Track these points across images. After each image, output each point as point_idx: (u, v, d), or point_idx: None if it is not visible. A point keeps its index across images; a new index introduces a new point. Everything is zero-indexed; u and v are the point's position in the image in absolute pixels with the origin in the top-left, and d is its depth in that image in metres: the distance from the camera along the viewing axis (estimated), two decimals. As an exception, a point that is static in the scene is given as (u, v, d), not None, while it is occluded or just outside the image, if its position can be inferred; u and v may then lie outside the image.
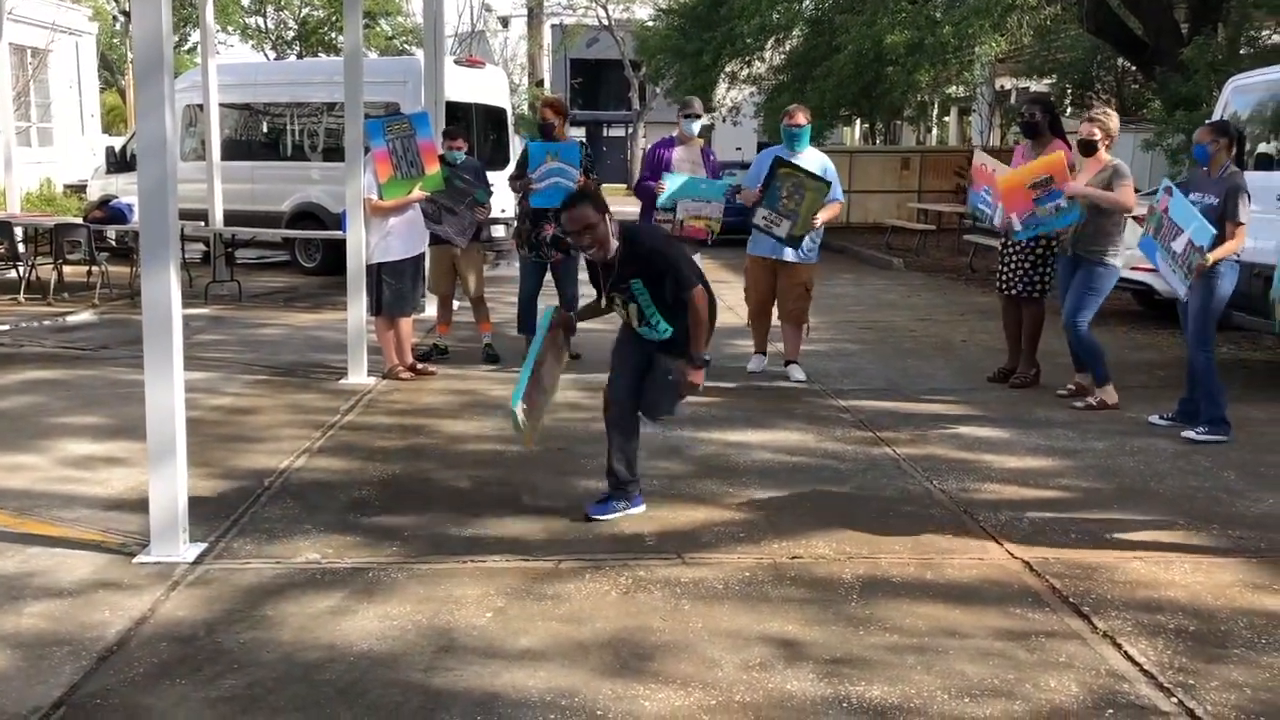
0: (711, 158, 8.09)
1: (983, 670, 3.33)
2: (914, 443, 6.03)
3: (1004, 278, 7.60)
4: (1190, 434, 6.01)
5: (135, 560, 4.17)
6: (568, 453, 5.79)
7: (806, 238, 7.55)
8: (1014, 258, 7.47)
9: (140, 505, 4.52)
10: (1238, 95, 8.46)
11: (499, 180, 9.83)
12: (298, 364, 8.19)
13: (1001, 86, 24.76)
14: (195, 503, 4.66)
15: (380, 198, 7.47)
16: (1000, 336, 8.03)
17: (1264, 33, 15.00)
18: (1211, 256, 5.83)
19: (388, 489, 5.16)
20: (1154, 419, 6.45)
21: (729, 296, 12.35)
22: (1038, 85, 22.32)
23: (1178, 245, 6.06)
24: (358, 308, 7.63)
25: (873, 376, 7.94)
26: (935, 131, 36.38)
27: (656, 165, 7.85)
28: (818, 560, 4.22)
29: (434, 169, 7.65)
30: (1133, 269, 9.99)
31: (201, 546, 4.30)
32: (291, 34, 41.36)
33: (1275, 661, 3.40)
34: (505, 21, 48.12)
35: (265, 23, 41.29)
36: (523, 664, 3.37)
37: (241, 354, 8.61)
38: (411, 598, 3.85)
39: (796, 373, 7.86)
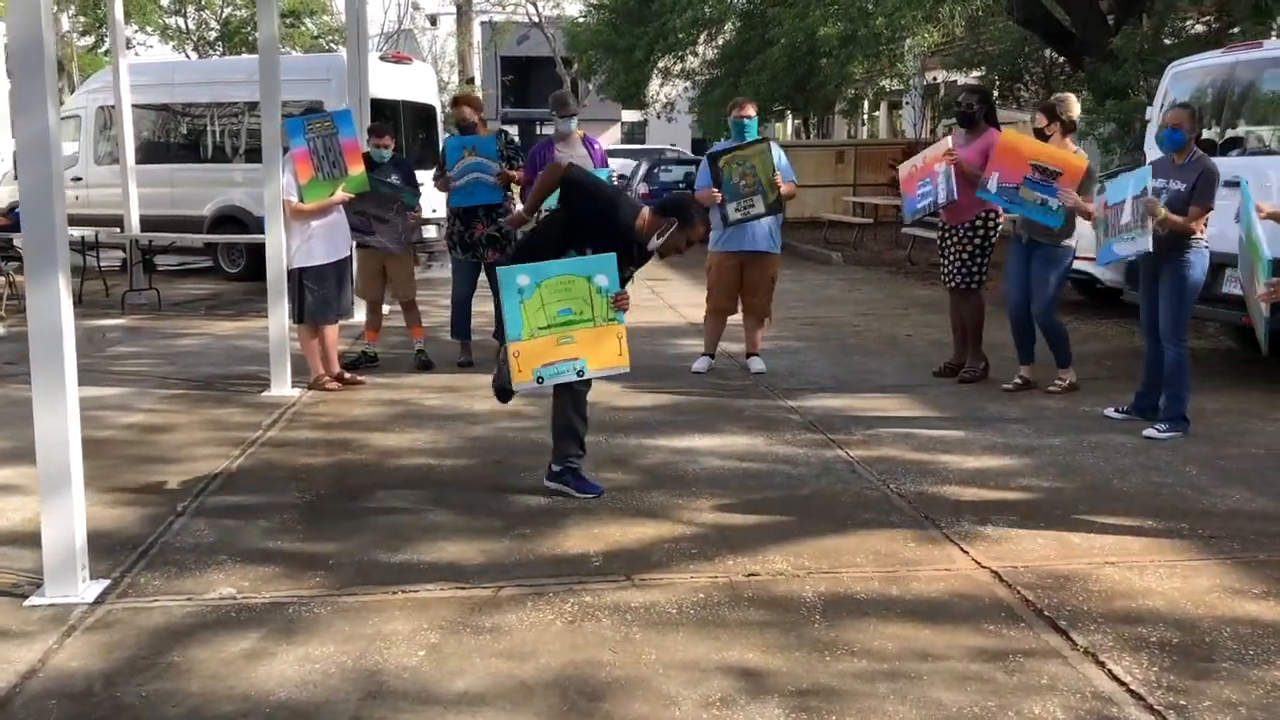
0: (595, 146, 7.86)
1: (961, 698, 3.08)
2: (867, 444, 5.80)
3: (945, 269, 7.45)
4: (1151, 432, 5.82)
5: (26, 603, 3.77)
6: (504, 466, 5.47)
7: (770, 224, 7.45)
8: (952, 249, 7.31)
9: (38, 539, 4.11)
10: (1177, 81, 8.36)
11: (428, 180, 9.46)
12: (217, 376, 7.75)
13: (934, 79, 24.80)
14: (99, 534, 4.28)
15: (300, 200, 7.08)
16: (946, 330, 7.86)
17: (1187, 22, 15.15)
18: (1168, 216, 5.61)
19: (312, 511, 4.79)
20: (1109, 412, 6.29)
21: (668, 294, 12.10)
22: (967, 78, 22.38)
23: (1125, 215, 5.85)
24: (279, 315, 7.22)
25: (819, 375, 7.72)
26: (866, 125, 36.50)
27: (542, 166, 7.54)
28: (776, 577, 3.95)
29: (357, 169, 7.27)
30: (1077, 258, 9.90)
31: (103, 584, 3.91)
32: (214, 34, 40.36)
33: (1266, 676, 3.19)
34: (434, 19, 47.45)
35: (186, 23, 40.26)
36: (460, 710, 3.05)
37: (158, 367, 8.15)
38: (336, 636, 3.51)
39: (757, 364, 7.76)
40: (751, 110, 7.52)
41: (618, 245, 4.75)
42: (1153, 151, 8.40)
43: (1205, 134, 8.14)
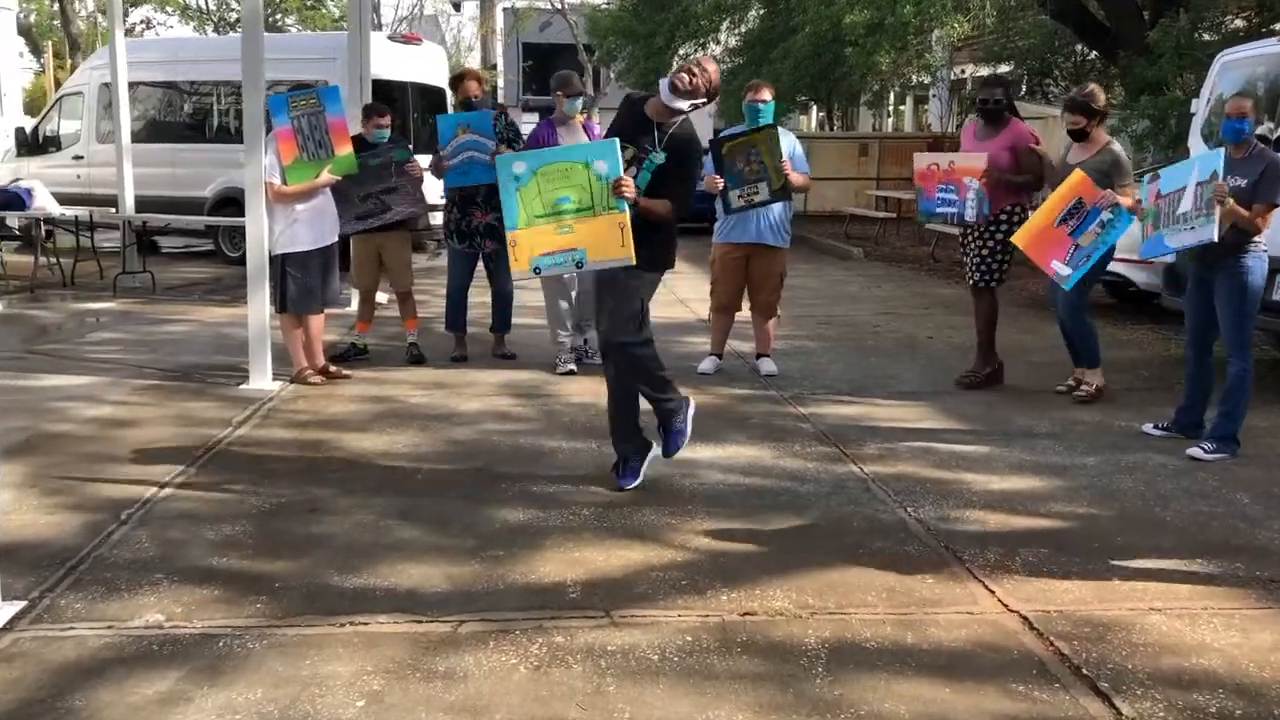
0: (596, 132, 7.31)
1: (985, 779, 2.61)
2: (883, 459, 5.32)
3: (968, 268, 7.00)
4: (1196, 452, 5.31)
5: (-76, 629, 3.35)
6: (486, 474, 5.01)
7: (778, 216, 7.01)
8: (973, 243, 6.88)
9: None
10: (1226, 72, 7.82)
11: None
12: (197, 366, 7.33)
13: (961, 72, 24.19)
14: (26, 546, 3.88)
15: (283, 182, 6.64)
16: (970, 332, 7.37)
17: (1226, 17, 14.62)
18: (1231, 202, 5.10)
19: (268, 522, 4.35)
20: (1148, 428, 5.78)
21: (679, 287, 11.59)
22: (994, 72, 21.80)
23: (1186, 204, 5.34)
24: (259, 304, 6.79)
25: (834, 378, 7.23)
26: (891, 118, 35.84)
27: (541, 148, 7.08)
28: (775, 618, 3.48)
29: (345, 150, 6.83)
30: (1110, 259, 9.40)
31: (17, 607, 3.47)
32: (235, 15, 40.01)
33: (1347, 759, 2.72)
34: (457, 5, 46.98)
35: (206, 3, 39.93)
36: (394, 779, 2.61)
37: (137, 354, 7.74)
38: (266, 678, 3.06)
39: (768, 365, 7.32)
40: (768, 94, 7.03)
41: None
42: (1196, 145, 7.89)
43: (1258, 129, 7.61)
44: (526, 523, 4.35)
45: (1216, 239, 5.19)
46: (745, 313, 7.42)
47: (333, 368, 7.06)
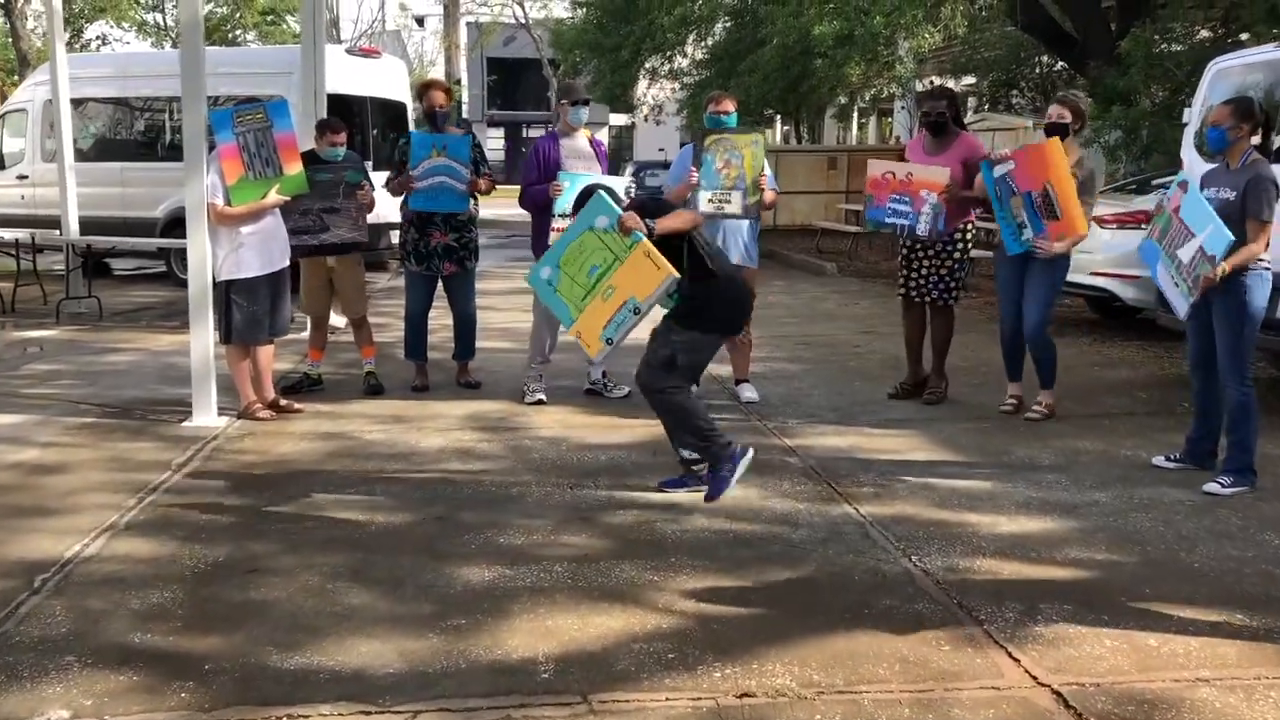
0: (601, 149, 6.94)
1: None
2: (879, 497, 4.91)
3: (915, 282, 6.77)
4: (1213, 487, 4.94)
5: None
6: (447, 523, 4.56)
7: (748, 236, 6.63)
8: (928, 261, 6.66)
9: None
10: (1218, 80, 7.51)
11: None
12: (138, 401, 6.83)
13: (930, 83, 23.99)
14: (-83, 625, 3.37)
15: (227, 202, 6.17)
16: (897, 342, 7.14)
17: (1195, 27, 14.53)
18: (1228, 263, 4.80)
19: (202, 586, 3.88)
20: (1159, 461, 5.40)
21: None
22: (959, 84, 21.66)
23: (1185, 253, 5.03)
24: (203, 334, 6.31)
25: (819, 405, 6.83)
26: (856, 131, 35.69)
27: (547, 165, 6.64)
28: (776, 700, 3.05)
29: (294, 168, 6.36)
30: (1095, 274, 9.10)
31: (-102, 704, 3.00)
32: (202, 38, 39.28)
33: None
34: (421, 20, 46.53)
35: (164, 19, 39.23)
36: None
37: (74, 388, 7.22)
38: (185, 793, 2.61)
39: (748, 392, 6.92)
40: (730, 105, 6.68)
41: None
42: (1189, 156, 7.58)
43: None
44: (492, 583, 3.90)
45: (1184, 317, 5.15)
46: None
47: (283, 401, 6.59)
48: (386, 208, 7.86)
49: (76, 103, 13.05)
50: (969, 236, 6.69)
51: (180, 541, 4.33)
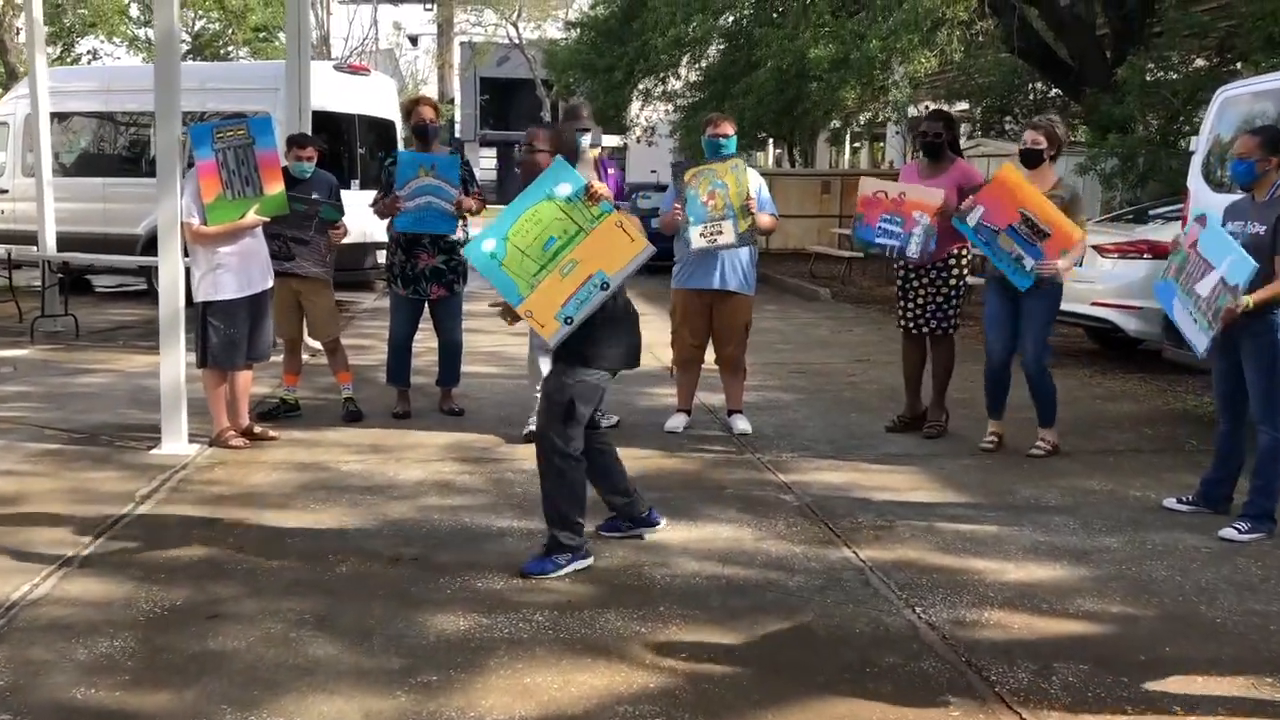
0: (611, 172, 6.43)
1: None
2: (880, 540, 4.67)
3: (911, 312, 6.58)
4: (1230, 533, 4.69)
5: None
6: (422, 564, 4.30)
7: (745, 260, 6.43)
8: (923, 290, 6.48)
9: None
10: (1226, 109, 7.32)
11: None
12: (107, 426, 6.56)
13: (925, 107, 23.92)
14: None
15: (203, 222, 5.93)
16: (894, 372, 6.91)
17: (1190, 56, 14.47)
18: (1253, 298, 4.58)
19: (156, 634, 3.61)
20: (1171, 503, 5.16)
21: (644, 332, 10.93)
22: (953, 108, 21.58)
23: (1204, 287, 4.81)
24: (173, 358, 6.06)
25: (814, 438, 6.59)
26: (849, 155, 35.61)
27: None
28: (773, 775, 2.80)
29: (275, 187, 6.13)
30: (1095, 304, 8.90)
31: None
32: (186, 46, 39.18)
33: None
34: (414, 39, 46.45)
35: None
36: None
37: (42, 411, 6.95)
38: None
39: (741, 423, 6.66)
40: (729, 128, 6.43)
41: None
42: (1196, 186, 7.39)
43: None
44: (467, 634, 3.64)
45: (1202, 356, 4.89)
46: (710, 361, 6.79)
47: (258, 428, 6.33)
48: (373, 226, 7.65)
49: (60, 117, 12.86)
50: (964, 262, 6.50)
51: (137, 582, 4.06)
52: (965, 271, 6.51)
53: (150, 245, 12.29)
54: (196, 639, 3.58)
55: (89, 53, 37.83)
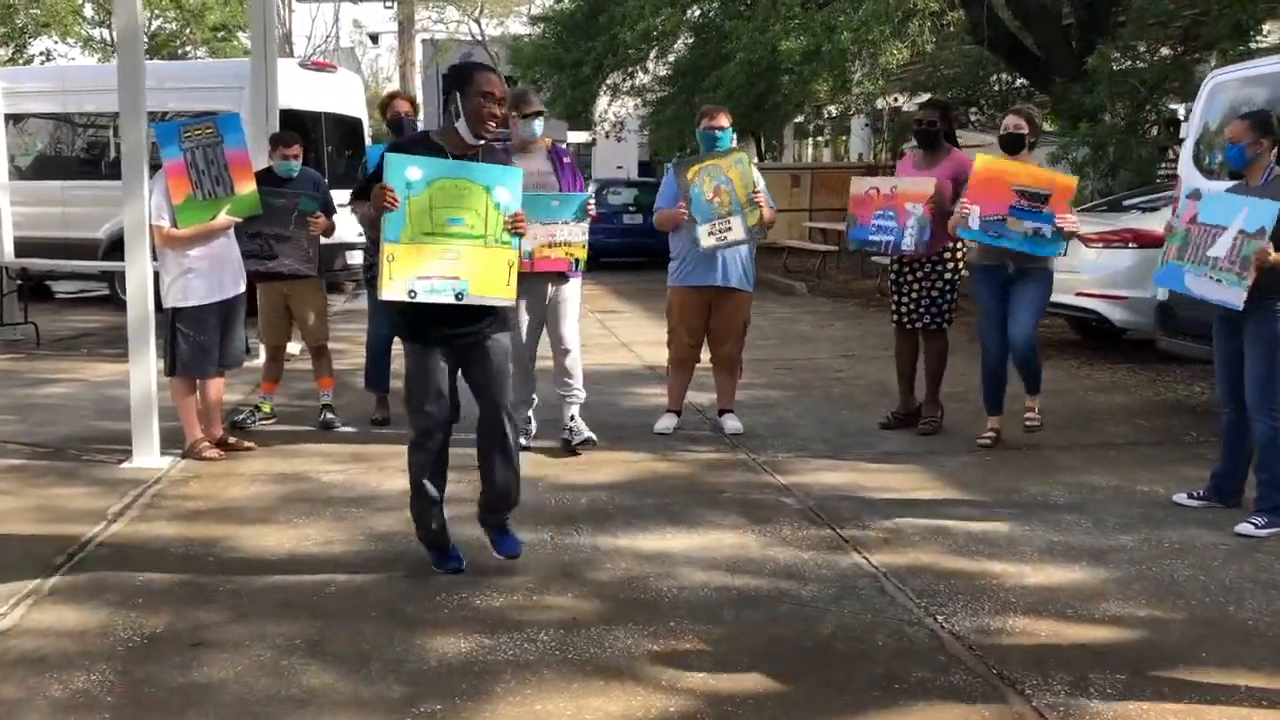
0: (565, 160, 6.01)
1: None
2: (891, 544, 4.50)
3: (905, 308, 6.42)
4: (1247, 529, 4.56)
5: None
6: (415, 584, 4.08)
7: (745, 256, 6.31)
8: (918, 284, 6.32)
9: None
10: (1215, 95, 7.23)
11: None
12: (73, 438, 6.29)
13: (895, 99, 23.87)
14: None
15: (173, 224, 5.67)
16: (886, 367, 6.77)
17: (1156, 44, 14.51)
18: (1276, 258, 4.44)
19: (137, 666, 3.38)
20: (1181, 499, 5.03)
21: (620, 329, 10.73)
22: (914, 102, 21.56)
23: (1219, 249, 4.67)
24: (143, 366, 5.80)
25: (808, 436, 6.43)
26: (814, 149, 35.56)
27: None
28: (811, 806, 2.62)
29: (246, 187, 5.88)
30: (1080, 294, 8.81)
31: None
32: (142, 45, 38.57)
33: None
34: (375, 37, 45.96)
35: (111, 35, 38.42)
36: None
37: (3, 425, 6.66)
38: None
39: (732, 423, 6.49)
40: (725, 120, 6.25)
41: None
42: (1187, 173, 7.29)
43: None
44: (469, 656, 3.43)
45: (1240, 308, 4.62)
46: (704, 361, 6.61)
47: (232, 439, 6.08)
48: (342, 227, 7.42)
49: (15, 118, 12.49)
50: (959, 255, 6.36)
51: (113, 609, 3.82)
52: (960, 266, 6.37)
53: (112, 250, 11.99)
54: (180, 670, 3.35)
55: (42, 54, 37.12)
